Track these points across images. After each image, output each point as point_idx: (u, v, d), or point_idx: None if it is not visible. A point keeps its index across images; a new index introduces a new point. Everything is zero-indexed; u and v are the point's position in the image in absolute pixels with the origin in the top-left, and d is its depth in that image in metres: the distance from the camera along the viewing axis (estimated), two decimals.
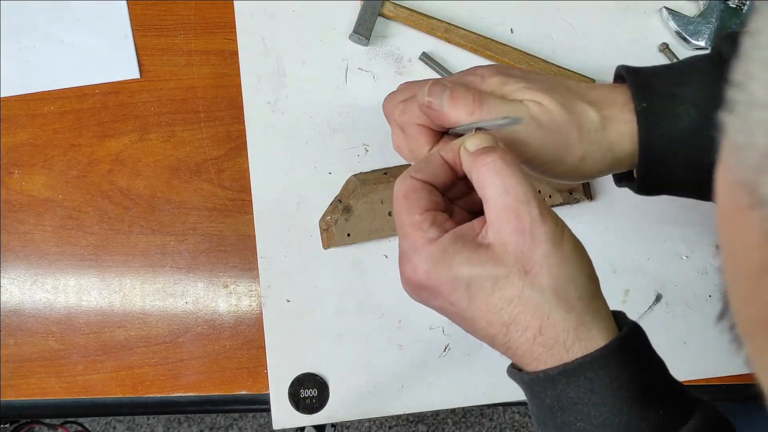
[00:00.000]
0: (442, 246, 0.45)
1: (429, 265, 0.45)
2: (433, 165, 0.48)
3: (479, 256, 0.44)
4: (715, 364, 0.72)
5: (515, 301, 0.43)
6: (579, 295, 0.44)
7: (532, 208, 0.43)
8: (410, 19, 0.72)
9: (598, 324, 0.44)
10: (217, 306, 0.71)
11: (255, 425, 1.54)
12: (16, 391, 0.71)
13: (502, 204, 0.44)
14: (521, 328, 0.44)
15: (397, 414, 0.71)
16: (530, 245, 0.43)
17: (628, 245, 0.72)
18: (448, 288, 0.45)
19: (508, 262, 0.43)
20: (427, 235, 0.45)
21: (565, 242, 0.44)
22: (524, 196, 0.43)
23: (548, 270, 0.43)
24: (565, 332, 0.43)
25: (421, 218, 0.46)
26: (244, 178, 0.72)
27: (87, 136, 0.72)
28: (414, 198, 0.46)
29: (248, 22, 0.73)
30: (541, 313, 0.43)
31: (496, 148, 0.45)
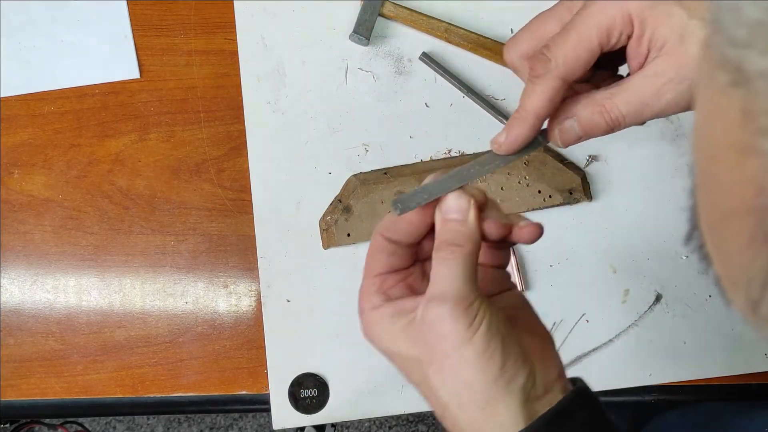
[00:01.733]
0: (378, 317, 0.46)
1: (368, 330, 0.47)
2: (398, 224, 0.47)
3: (403, 335, 0.45)
4: (715, 364, 0.72)
5: (423, 384, 0.45)
6: (472, 399, 0.44)
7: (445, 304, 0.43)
8: (410, 19, 0.72)
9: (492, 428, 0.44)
10: (217, 306, 0.71)
11: (255, 425, 1.54)
12: (16, 391, 0.71)
13: (429, 291, 0.44)
14: (432, 405, 0.46)
15: (397, 414, 0.71)
16: (435, 340, 0.44)
17: (628, 245, 0.72)
18: (384, 353, 0.47)
19: (420, 348, 0.44)
20: (371, 302, 0.46)
21: (469, 346, 0.43)
22: (441, 291, 0.43)
23: (447, 368, 0.44)
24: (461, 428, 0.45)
25: (370, 282, 0.47)
26: (244, 178, 0.72)
27: (87, 136, 0.72)
28: (374, 258, 0.47)
29: (248, 22, 0.73)
30: (441, 403, 0.45)
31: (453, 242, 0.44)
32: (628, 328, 0.72)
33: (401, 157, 0.72)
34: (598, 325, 0.72)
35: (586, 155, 0.73)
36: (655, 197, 0.73)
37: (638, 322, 0.72)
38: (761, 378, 0.72)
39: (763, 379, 0.72)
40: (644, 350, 0.72)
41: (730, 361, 0.72)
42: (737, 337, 0.72)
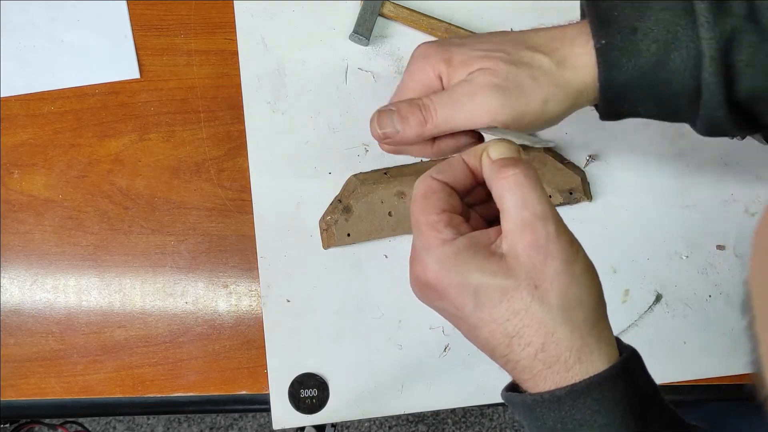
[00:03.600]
0: (455, 248, 0.44)
1: (439, 266, 0.44)
2: (454, 168, 0.47)
3: (491, 264, 0.44)
4: (715, 364, 0.72)
5: (521, 315, 0.43)
6: (585, 316, 0.44)
7: (549, 224, 0.43)
8: (410, 19, 0.72)
9: (600, 347, 0.44)
10: (217, 306, 0.72)
11: (255, 425, 1.54)
12: (16, 391, 0.71)
13: (519, 217, 0.44)
14: (524, 342, 0.43)
15: (397, 414, 0.71)
16: (543, 261, 0.43)
17: (628, 245, 0.72)
18: (455, 292, 0.44)
19: (519, 275, 0.43)
20: (441, 236, 0.45)
21: (577, 262, 0.44)
22: (542, 212, 0.43)
23: (558, 287, 0.43)
24: (567, 351, 0.43)
25: (437, 218, 0.45)
26: (244, 178, 0.72)
27: (87, 136, 0.72)
28: (432, 198, 0.46)
29: (248, 22, 0.73)
30: (546, 330, 0.43)
31: (518, 161, 0.46)
32: (628, 328, 0.72)
33: (401, 157, 0.72)
34: None
35: (586, 155, 0.73)
36: (655, 197, 0.73)
37: (638, 322, 0.72)
38: None
39: None
40: (644, 350, 0.72)
41: (730, 361, 0.72)
42: (737, 337, 0.72)
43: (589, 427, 0.43)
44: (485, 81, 0.52)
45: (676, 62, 0.51)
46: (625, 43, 0.51)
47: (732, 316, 0.71)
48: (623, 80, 0.52)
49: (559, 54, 0.53)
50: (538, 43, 0.54)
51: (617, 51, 0.52)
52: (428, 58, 0.54)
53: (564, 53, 0.53)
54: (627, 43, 0.51)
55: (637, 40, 0.51)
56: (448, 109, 0.53)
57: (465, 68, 0.53)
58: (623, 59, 0.52)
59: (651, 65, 0.51)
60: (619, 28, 0.52)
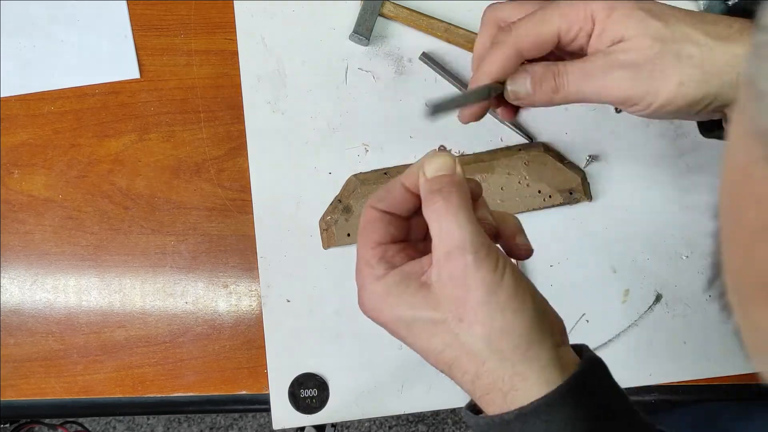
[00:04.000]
0: (386, 285, 0.44)
1: (373, 303, 0.45)
2: (393, 194, 0.47)
3: (419, 299, 0.44)
4: (715, 364, 0.72)
5: (453, 346, 0.43)
6: (515, 344, 0.43)
7: (467, 254, 0.42)
8: (410, 19, 0.72)
9: (535, 372, 0.43)
10: (217, 306, 0.72)
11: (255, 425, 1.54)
12: (16, 391, 0.71)
13: (440, 247, 0.43)
14: (461, 370, 0.44)
15: (397, 414, 0.71)
16: (464, 293, 0.42)
17: (628, 245, 0.72)
18: (392, 326, 0.45)
19: (444, 308, 0.43)
20: (374, 272, 0.45)
21: (501, 290, 0.43)
22: (459, 242, 0.42)
23: (482, 319, 0.42)
24: (500, 380, 0.43)
25: (371, 253, 0.46)
26: (244, 178, 0.72)
27: (87, 136, 0.72)
28: (369, 229, 0.46)
29: (248, 22, 0.73)
30: (477, 361, 0.43)
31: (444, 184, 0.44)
32: (628, 328, 0.72)
33: (401, 157, 0.72)
34: (598, 325, 0.72)
35: (586, 155, 0.73)
36: (655, 197, 0.73)
37: (638, 322, 0.72)
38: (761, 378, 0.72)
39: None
40: (644, 350, 0.72)
41: (730, 361, 0.72)
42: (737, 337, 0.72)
43: None
44: (623, 58, 0.51)
45: None
46: None
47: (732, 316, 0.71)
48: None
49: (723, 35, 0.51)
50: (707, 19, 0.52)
51: None
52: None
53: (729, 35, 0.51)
54: None
55: None
56: (581, 81, 0.52)
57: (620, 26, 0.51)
58: None
59: None
60: None
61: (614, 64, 0.51)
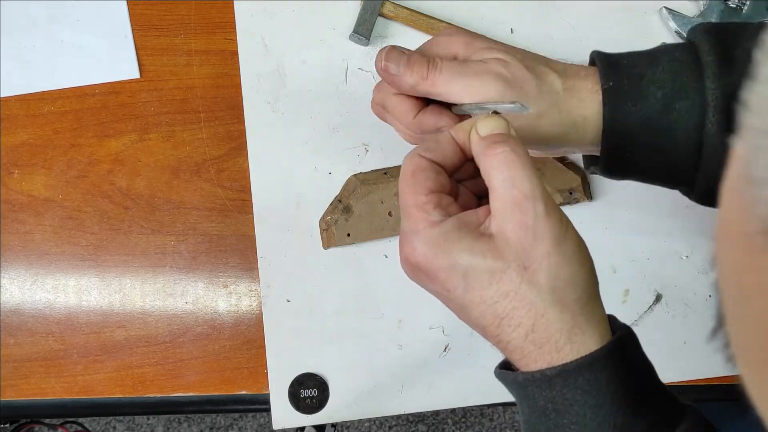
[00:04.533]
0: (443, 230, 0.44)
1: (428, 249, 0.44)
2: (442, 145, 0.47)
3: (480, 246, 0.43)
4: (715, 364, 0.72)
5: (511, 296, 0.43)
6: (576, 296, 0.43)
7: (538, 204, 0.42)
8: (410, 19, 0.72)
9: (591, 327, 0.44)
10: (217, 306, 0.72)
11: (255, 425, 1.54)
12: (16, 391, 0.71)
13: (507, 196, 0.43)
14: (514, 323, 0.43)
15: (397, 414, 0.71)
16: (532, 242, 0.42)
17: (628, 245, 0.72)
18: (444, 274, 0.44)
19: (507, 256, 0.43)
20: (429, 218, 0.44)
21: (567, 241, 0.43)
22: (531, 192, 0.42)
23: (547, 268, 0.42)
24: (558, 332, 0.43)
25: (425, 199, 0.45)
26: (244, 178, 0.72)
27: (87, 136, 0.72)
28: (421, 177, 0.45)
29: (248, 22, 0.73)
30: (536, 311, 0.43)
31: (507, 138, 0.45)
32: None
33: (401, 157, 0.72)
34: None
35: None
36: (656, 197, 0.73)
37: (638, 322, 0.72)
38: None
39: None
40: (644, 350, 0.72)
41: None
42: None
43: (579, 407, 0.43)
44: (497, 70, 0.53)
45: (681, 111, 0.51)
46: (631, 88, 0.52)
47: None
48: (628, 123, 0.52)
49: (570, 82, 0.54)
50: (557, 67, 0.55)
51: (623, 94, 0.52)
52: (452, 36, 0.57)
53: (575, 84, 0.54)
54: (634, 87, 0.52)
55: (643, 86, 0.52)
56: (452, 76, 0.53)
57: (483, 53, 0.55)
58: (629, 102, 0.52)
59: (656, 111, 0.52)
60: (628, 74, 0.53)
61: (489, 71, 0.53)
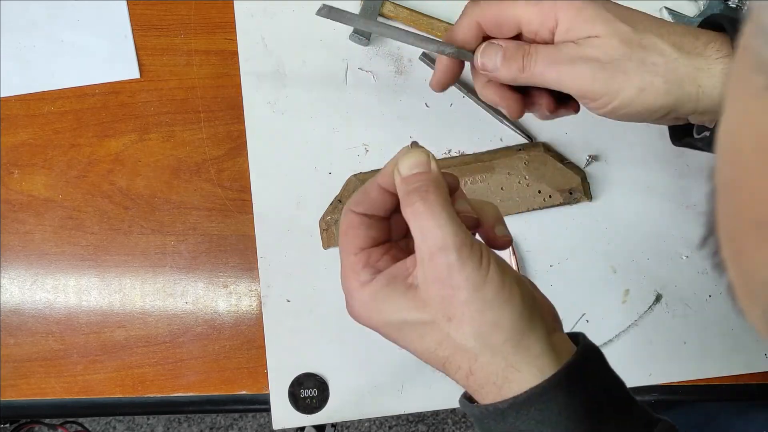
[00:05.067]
0: (373, 291, 0.44)
1: (362, 309, 0.45)
2: (370, 195, 0.46)
3: (407, 301, 0.44)
4: (715, 364, 0.72)
5: (444, 344, 0.43)
6: (504, 338, 0.43)
7: (450, 254, 0.42)
8: (410, 19, 0.72)
9: (528, 363, 0.43)
10: (217, 306, 0.72)
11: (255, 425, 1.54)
12: (16, 391, 0.71)
13: (421, 249, 0.43)
14: (454, 367, 0.44)
15: (397, 414, 0.71)
16: (450, 293, 0.42)
17: (628, 245, 0.72)
18: (384, 330, 0.45)
19: (432, 308, 0.43)
20: (359, 278, 0.45)
21: (486, 286, 0.42)
22: (441, 243, 0.42)
23: (470, 316, 0.42)
24: (494, 374, 0.43)
25: (354, 259, 0.45)
26: (244, 178, 0.72)
27: (87, 136, 0.72)
28: (351, 235, 0.46)
29: (248, 22, 0.73)
30: (469, 357, 0.43)
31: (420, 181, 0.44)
32: (628, 328, 0.72)
33: None
34: (598, 325, 0.72)
35: (586, 155, 0.73)
36: (655, 197, 0.73)
37: (638, 322, 0.72)
38: (761, 378, 0.72)
39: (762, 379, 0.72)
40: (644, 350, 0.72)
41: (730, 361, 0.72)
42: (737, 337, 0.72)
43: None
44: (591, 53, 0.52)
45: None
46: None
47: (732, 316, 0.71)
48: None
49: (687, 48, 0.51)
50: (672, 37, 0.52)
51: None
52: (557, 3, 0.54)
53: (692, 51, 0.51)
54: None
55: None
56: (546, 65, 0.53)
57: (584, 28, 0.52)
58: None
59: None
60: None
61: (581, 56, 0.52)
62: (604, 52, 0.52)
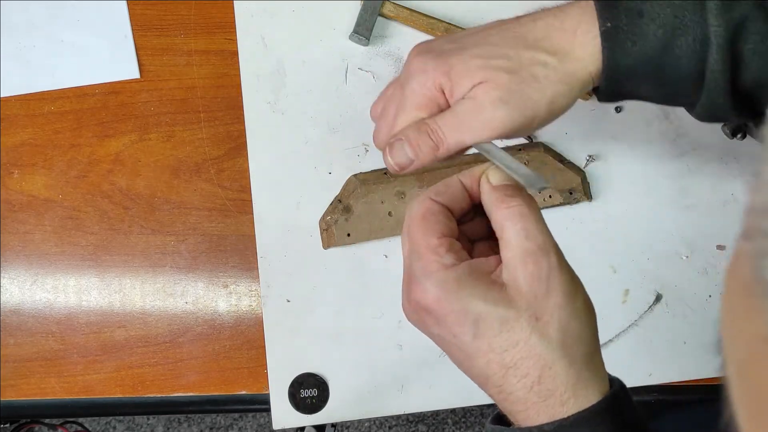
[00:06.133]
0: (456, 275, 0.43)
1: (441, 292, 0.43)
2: (452, 189, 0.47)
3: (492, 293, 0.43)
4: (715, 364, 0.72)
5: (520, 345, 0.43)
6: (584, 351, 0.44)
7: (551, 257, 0.43)
8: (410, 19, 0.72)
9: (595, 382, 0.44)
10: (217, 306, 0.72)
11: (255, 425, 1.54)
12: (16, 391, 0.71)
13: (522, 248, 0.43)
14: (521, 374, 0.43)
15: (397, 414, 0.71)
16: (545, 293, 0.43)
17: (628, 245, 0.72)
18: (454, 318, 0.43)
19: (520, 306, 0.43)
20: (443, 261, 0.44)
21: (578, 296, 0.44)
22: (544, 245, 0.43)
23: (558, 321, 0.43)
24: (563, 386, 0.43)
25: (437, 242, 0.44)
26: (244, 178, 0.72)
27: (87, 136, 0.72)
28: (432, 220, 0.45)
29: (248, 22, 0.73)
30: (544, 363, 0.43)
31: (520, 191, 0.45)
32: (628, 328, 0.72)
33: None
34: (598, 325, 0.72)
35: (586, 155, 0.73)
36: (655, 197, 0.73)
37: (638, 322, 0.72)
38: None
39: None
40: (644, 350, 0.72)
41: None
42: None
43: None
44: (488, 96, 0.52)
45: (682, 48, 0.50)
46: (631, 26, 0.51)
47: None
48: (627, 64, 0.52)
49: (562, 47, 0.52)
50: (538, 37, 0.53)
51: (622, 34, 0.51)
52: (427, 72, 0.53)
53: (566, 46, 0.52)
54: (633, 26, 0.51)
55: (643, 24, 0.51)
56: (456, 130, 0.52)
57: (467, 80, 0.52)
58: (628, 43, 0.51)
59: (657, 50, 0.51)
60: (626, 11, 0.51)
61: (483, 105, 0.52)
62: (499, 90, 0.52)
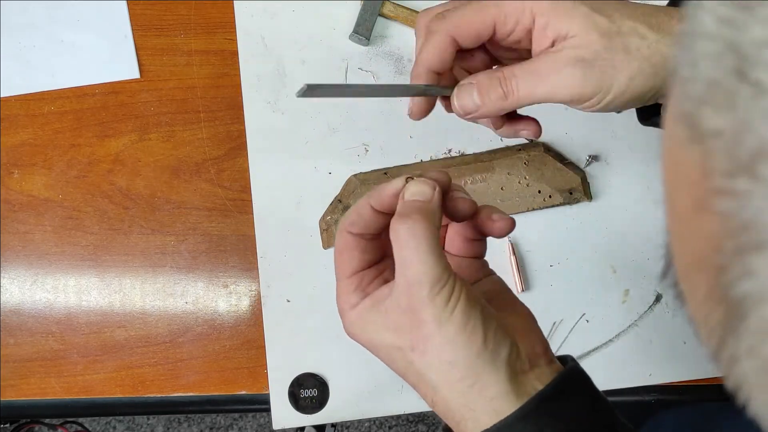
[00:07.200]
0: (359, 313, 0.46)
1: (351, 328, 0.47)
2: (364, 216, 0.47)
3: (385, 323, 0.45)
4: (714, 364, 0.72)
5: (411, 371, 0.45)
6: (461, 376, 0.44)
7: (423, 289, 0.43)
8: (410, 19, 0.72)
9: (483, 404, 0.44)
10: (217, 306, 0.72)
11: (255, 425, 1.54)
12: (16, 391, 0.71)
13: (400, 276, 0.44)
14: (422, 393, 0.46)
15: (397, 414, 0.71)
16: (417, 324, 0.43)
17: (628, 245, 0.72)
18: (369, 348, 0.47)
19: (402, 335, 0.45)
20: (350, 300, 0.47)
21: (449, 323, 0.43)
22: (417, 275, 0.42)
23: (430, 350, 0.44)
24: (452, 410, 0.45)
25: (347, 282, 0.47)
26: (244, 178, 0.72)
27: (87, 136, 0.72)
28: (346, 257, 0.47)
29: (248, 22, 0.73)
30: (431, 387, 0.45)
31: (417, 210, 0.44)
32: (628, 328, 0.72)
33: (401, 157, 0.72)
34: (598, 325, 0.72)
35: (586, 155, 0.73)
36: (655, 197, 0.73)
37: (638, 322, 0.72)
38: None
39: None
40: (644, 350, 0.72)
41: None
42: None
43: None
44: (573, 55, 0.50)
45: None
46: None
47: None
48: None
49: (665, 27, 0.51)
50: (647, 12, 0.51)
51: None
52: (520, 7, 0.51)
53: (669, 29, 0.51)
54: None
55: None
56: (530, 83, 0.51)
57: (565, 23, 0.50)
58: None
59: None
60: None
61: (563, 61, 0.50)
62: (586, 50, 0.50)
